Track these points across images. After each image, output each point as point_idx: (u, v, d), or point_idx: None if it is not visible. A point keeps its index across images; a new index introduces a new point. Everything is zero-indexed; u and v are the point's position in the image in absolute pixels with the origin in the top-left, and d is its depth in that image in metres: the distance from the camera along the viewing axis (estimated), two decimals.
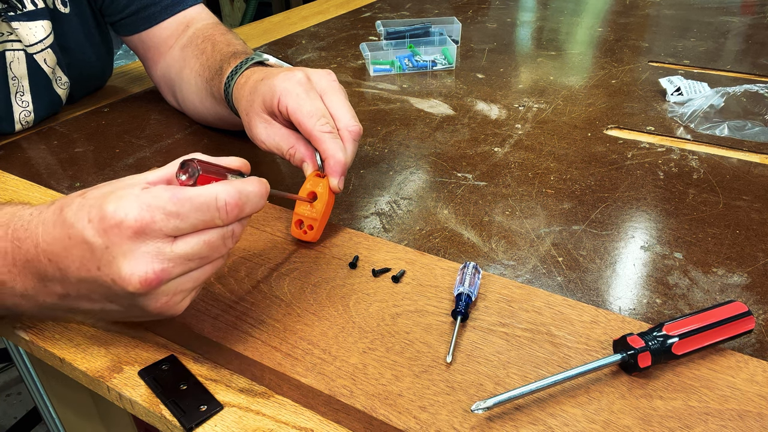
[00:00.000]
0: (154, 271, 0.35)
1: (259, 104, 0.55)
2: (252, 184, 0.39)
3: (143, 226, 0.34)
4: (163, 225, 0.35)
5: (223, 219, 0.37)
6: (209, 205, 0.36)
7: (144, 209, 0.34)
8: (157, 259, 0.35)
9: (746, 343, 0.45)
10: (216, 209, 0.36)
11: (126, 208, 0.34)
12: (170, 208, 0.35)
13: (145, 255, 0.35)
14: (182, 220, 0.35)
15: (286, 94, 0.52)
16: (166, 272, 0.36)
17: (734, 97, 0.86)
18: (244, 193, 0.38)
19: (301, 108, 0.51)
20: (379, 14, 1.36)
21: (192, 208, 0.35)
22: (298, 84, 0.52)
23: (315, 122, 0.50)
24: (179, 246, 0.36)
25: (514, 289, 0.47)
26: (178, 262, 0.36)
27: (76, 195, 0.38)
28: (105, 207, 0.35)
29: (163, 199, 0.35)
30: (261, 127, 0.55)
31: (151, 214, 0.34)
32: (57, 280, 0.38)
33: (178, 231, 0.36)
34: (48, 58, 0.76)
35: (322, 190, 0.51)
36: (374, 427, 0.38)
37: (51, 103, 0.80)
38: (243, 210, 0.38)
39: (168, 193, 0.35)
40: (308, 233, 0.51)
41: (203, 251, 0.37)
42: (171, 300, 0.38)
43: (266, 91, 0.54)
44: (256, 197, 0.39)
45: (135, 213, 0.34)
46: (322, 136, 0.50)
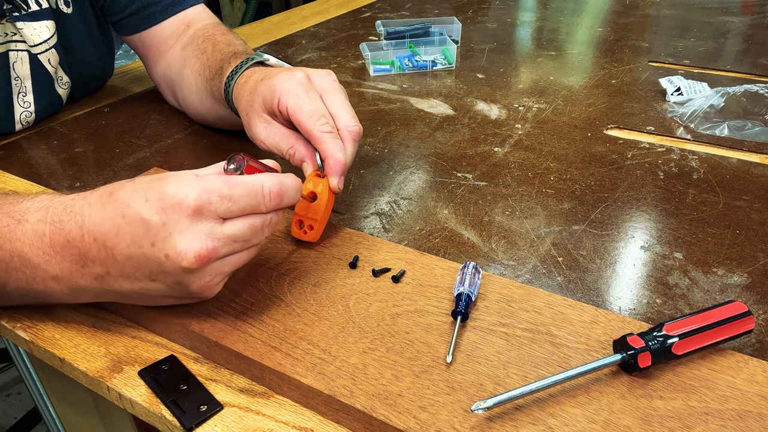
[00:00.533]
0: (207, 248, 0.38)
1: (259, 104, 0.55)
2: (290, 178, 0.43)
3: (201, 206, 0.38)
4: (218, 206, 0.38)
5: (267, 206, 0.40)
6: (257, 191, 0.40)
7: (202, 191, 0.38)
8: (209, 238, 0.38)
9: (746, 343, 0.45)
10: (262, 195, 0.40)
11: (186, 190, 0.38)
12: (225, 191, 0.38)
13: (199, 233, 0.38)
14: (234, 203, 0.39)
15: (286, 94, 0.52)
16: (216, 250, 0.39)
17: (734, 97, 0.86)
18: (284, 185, 0.41)
19: (301, 108, 0.51)
20: (379, 14, 1.36)
21: (243, 193, 0.39)
22: (299, 84, 0.52)
23: (315, 122, 0.51)
24: (228, 227, 0.39)
25: (514, 289, 0.47)
26: (227, 242, 0.39)
27: (125, 182, 0.40)
28: (165, 188, 0.38)
29: (218, 184, 0.39)
30: (261, 126, 0.56)
31: (209, 196, 0.38)
32: (99, 260, 0.40)
33: (229, 213, 0.39)
34: (52, 58, 0.76)
35: (322, 190, 0.51)
36: (374, 427, 0.38)
37: (52, 104, 0.80)
38: (282, 200, 0.41)
39: (222, 179, 0.39)
40: (308, 233, 0.51)
41: (247, 234, 0.40)
42: (212, 281, 0.41)
43: (266, 91, 0.54)
44: (293, 190, 0.43)
45: (195, 193, 0.38)
46: (322, 136, 0.50)
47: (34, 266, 0.41)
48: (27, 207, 0.43)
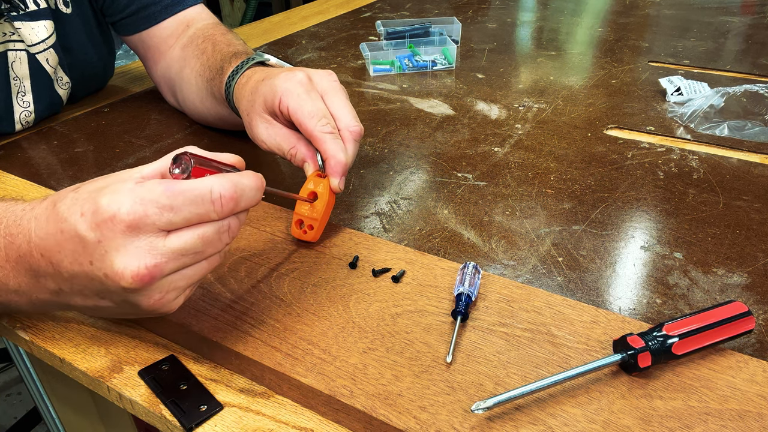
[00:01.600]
0: (146, 266, 0.35)
1: (260, 104, 0.55)
2: (247, 178, 0.38)
3: (136, 219, 0.34)
4: (156, 219, 0.34)
5: (218, 212, 0.36)
6: (203, 197, 0.36)
7: (137, 203, 0.34)
8: (149, 254, 0.35)
9: (746, 343, 0.45)
10: (210, 202, 0.36)
11: (119, 202, 0.34)
12: (163, 201, 0.34)
13: (137, 250, 0.34)
14: (176, 213, 0.35)
15: (287, 95, 0.52)
16: (159, 267, 0.35)
17: (734, 97, 0.86)
18: (239, 186, 0.37)
19: (302, 108, 0.51)
20: (379, 14, 1.36)
21: (185, 201, 0.35)
22: (299, 84, 0.52)
23: (316, 123, 0.50)
24: (172, 240, 0.35)
25: (514, 289, 0.47)
26: (172, 257, 0.35)
27: (69, 190, 0.37)
28: (98, 200, 0.35)
29: (156, 193, 0.35)
30: (262, 127, 0.55)
31: (144, 208, 0.34)
32: (50, 276, 0.38)
33: (172, 225, 0.35)
34: (50, 58, 0.76)
35: (323, 190, 0.51)
36: (374, 427, 0.38)
37: (52, 104, 0.80)
38: (238, 203, 0.37)
39: (161, 187, 0.35)
40: (308, 233, 0.51)
41: (197, 246, 0.36)
42: (164, 297, 0.37)
43: (267, 91, 0.54)
44: (252, 191, 0.38)
45: (128, 206, 0.34)
46: (323, 137, 0.50)
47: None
48: None
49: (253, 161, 0.71)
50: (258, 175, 0.40)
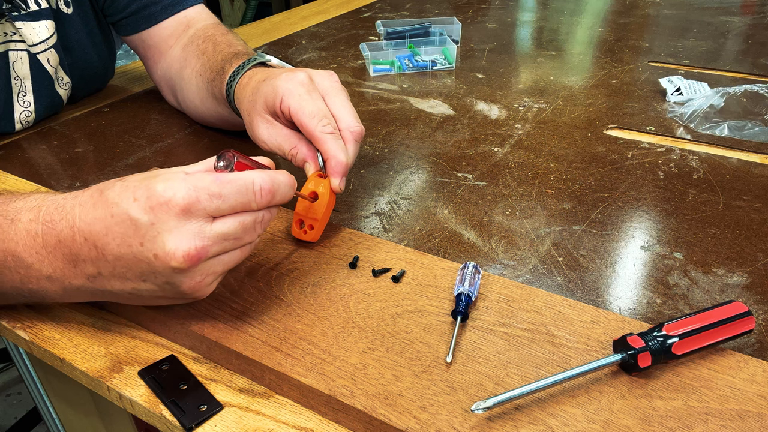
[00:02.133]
0: (196, 248, 0.37)
1: (262, 104, 0.55)
2: (283, 175, 0.42)
3: (189, 204, 0.37)
4: (207, 205, 0.38)
5: (258, 203, 0.40)
6: (247, 188, 0.39)
7: (191, 189, 0.37)
8: (198, 237, 0.38)
9: (746, 343, 0.45)
10: (253, 192, 0.39)
11: (174, 188, 0.37)
12: (214, 189, 0.38)
13: (188, 232, 0.37)
14: (224, 200, 0.38)
15: (289, 95, 0.52)
16: (206, 249, 0.38)
17: (734, 97, 0.86)
18: (276, 181, 0.41)
19: (303, 109, 0.51)
20: (379, 14, 1.36)
21: (233, 190, 0.38)
22: (301, 85, 0.53)
23: (317, 123, 0.51)
24: (218, 225, 0.39)
25: (514, 289, 0.47)
26: (216, 241, 0.39)
27: (115, 180, 0.40)
28: (153, 186, 0.37)
29: (207, 181, 0.38)
30: (263, 127, 0.56)
31: (197, 194, 0.37)
32: (91, 260, 0.39)
33: (219, 211, 0.38)
34: (51, 58, 0.76)
35: (324, 191, 0.52)
36: (374, 427, 0.38)
37: (52, 104, 0.80)
38: (275, 197, 0.41)
39: (211, 177, 0.38)
40: (308, 233, 0.51)
41: (238, 232, 0.40)
42: (203, 281, 0.40)
43: (269, 92, 0.54)
44: (286, 186, 0.42)
45: (183, 192, 0.37)
46: (324, 137, 0.51)
47: (27, 266, 0.41)
48: (20, 207, 0.42)
49: None
50: (290, 174, 0.43)
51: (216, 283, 0.42)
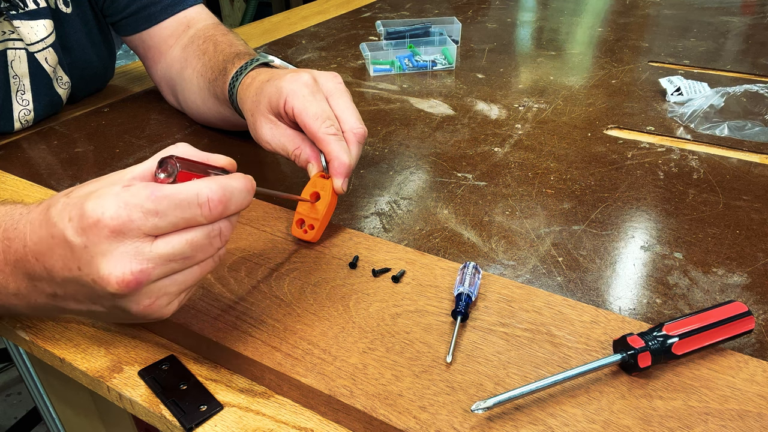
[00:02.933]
0: (132, 272, 0.34)
1: (265, 105, 0.55)
2: (237, 180, 0.37)
3: (120, 224, 0.33)
4: (142, 224, 0.34)
5: (207, 216, 0.35)
6: (190, 201, 0.35)
7: (121, 207, 0.33)
8: (135, 259, 0.34)
9: (746, 343, 0.45)
10: (198, 206, 0.35)
11: (103, 206, 0.33)
12: (148, 205, 0.34)
13: (123, 255, 0.34)
14: (161, 218, 0.34)
15: (293, 95, 0.52)
16: (145, 273, 0.34)
17: (734, 97, 0.86)
18: (228, 189, 0.36)
19: (307, 109, 0.51)
20: (379, 14, 1.36)
21: (171, 206, 0.34)
22: (305, 86, 0.52)
23: (320, 124, 0.51)
24: (159, 245, 0.35)
25: (514, 289, 0.47)
26: (159, 263, 0.35)
27: (62, 194, 0.37)
28: (84, 205, 0.34)
29: (141, 197, 0.34)
30: (266, 127, 0.56)
31: (128, 212, 0.33)
32: (45, 280, 0.37)
33: (158, 230, 0.34)
34: (49, 57, 0.76)
35: (325, 191, 0.52)
36: (374, 427, 0.38)
37: (51, 103, 0.80)
38: (228, 207, 0.36)
39: (147, 190, 0.34)
40: (309, 233, 0.51)
41: (186, 251, 0.35)
42: (155, 303, 0.36)
43: (273, 92, 0.54)
44: (241, 193, 0.37)
45: (112, 211, 0.33)
46: (327, 138, 0.50)
47: None
48: None
49: (255, 161, 0.71)
50: (248, 177, 0.39)
51: (178, 302, 0.38)
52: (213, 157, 0.40)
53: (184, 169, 0.36)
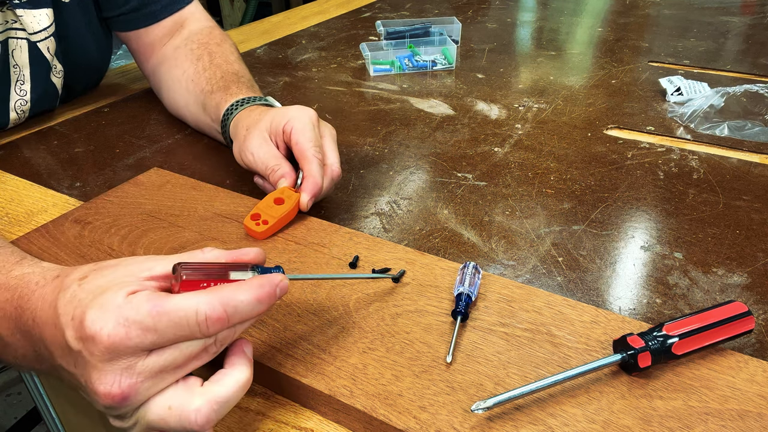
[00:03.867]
0: (120, 387, 0.33)
1: (267, 124, 0.60)
2: (245, 292, 0.34)
3: (117, 342, 0.32)
4: (139, 342, 0.33)
5: (204, 333, 0.34)
6: (188, 319, 0.33)
7: (120, 324, 0.32)
8: (126, 374, 0.33)
9: (746, 343, 0.45)
10: (196, 324, 0.33)
11: (103, 321, 0.32)
12: (148, 322, 0.32)
13: (115, 370, 0.33)
14: (159, 336, 0.33)
15: (297, 120, 0.58)
16: (133, 387, 0.33)
17: (734, 97, 0.86)
18: (230, 305, 0.34)
19: (305, 133, 0.57)
20: (379, 14, 1.36)
21: (170, 324, 0.33)
22: (309, 118, 0.59)
23: (312, 147, 0.57)
24: (152, 360, 0.33)
25: (514, 289, 0.47)
26: (149, 376, 0.34)
27: (76, 277, 0.36)
28: (86, 314, 0.33)
29: (142, 313, 0.32)
30: (256, 141, 0.60)
31: (127, 330, 0.32)
32: (47, 360, 0.37)
33: (155, 345, 0.33)
34: (51, 46, 0.77)
35: (290, 201, 0.55)
36: (374, 427, 0.38)
37: (46, 93, 0.80)
38: (229, 322, 0.34)
39: (148, 306, 0.33)
40: (260, 227, 0.53)
41: (178, 361, 0.34)
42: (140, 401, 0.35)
43: (280, 115, 0.60)
44: (248, 306, 0.34)
45: (110, 328, 0.32)
46: (313, 159, 0.56)
47: (5, 344, 0.39)
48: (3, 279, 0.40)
49: None
50: (264, 282, 0.35)
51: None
52: (237, 254, 0.39)
53: (189, 278, 0.35)
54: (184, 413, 0.34)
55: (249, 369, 0.36)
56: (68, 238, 0.53)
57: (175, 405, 0.34)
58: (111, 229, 0.55)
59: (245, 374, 0.36)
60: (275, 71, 1.02)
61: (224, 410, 0.34)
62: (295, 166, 0.59)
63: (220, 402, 0.34)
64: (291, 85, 0.95)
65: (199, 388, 0.34)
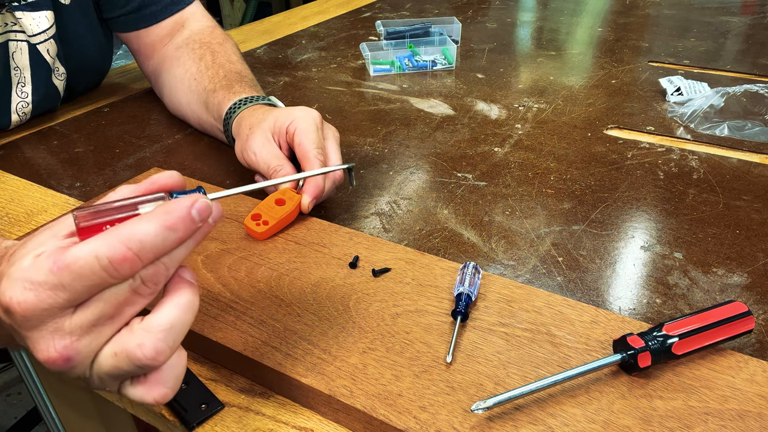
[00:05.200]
0: (56, 350, 0.31)
1: (270, 123, 0.61)
2: (148, 222, 0.30)
3: (30, 308, 0.30)
4: (53, 302, 0.30)
5: (116, 277, 0.30)
6: (91, 267, 0.29)
7: (27, 289, 0.30)
8: (57, 336, 0.31)
9: (746, 343, 0.45)
10: (101, 269, 0.29)
11: (11, 290, 0.30)
12: (52, 280, 0.29)
13: (44, 336, 0.31)
14: (71, 291, 0.30)
15: (301, 121, 0.59)
16: (71, 348, 0.31)
17: (734, 97, 0.86)
18: (134, 240, 0.29)
19: (309, 135, 0.58)
20: (379, 14, 1.36)
21: (74, 276, 0.29)
22: (313, 120, 0.59)
23: (315, 149, 0.57)
24: (79, 316, 0.31)
25: (514, 289, 0.47)
26: (83, 332, 0.31)
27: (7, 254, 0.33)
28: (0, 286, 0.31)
29: (43, 273, 0.29)
30: (259, 141, 0.60)
31: (36, 294, 0.30)
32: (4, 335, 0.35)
33: (73, 302, 0.30)
34: (51, 48, 0.77)
35: (291, 202, 0.55)
36: (374, 427, 0.38)
37: (47, 95, 0.80)
38: (140, 259, 0.30)
39: (48, 263, 0.30)
40: (260, 227, 0.53)
41: (108, 311, 0.31)
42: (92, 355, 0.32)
43: (283, 115, 0.60)
44: (157, 237, 0.30)
45: (18, 295, 0.30)
46: (315, 161, 0.56)
47: None
48: None
49: None
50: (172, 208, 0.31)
51: None
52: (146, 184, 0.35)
53: (85, 224, 0.31)
54: (129, 353, 0.31)
55: (189, 290, 0.33)
56: None
57: (119, 349, 0.31)
58: None
59: (185, 296, 0.32)
60: (275, 71, 1.02)
61: (173, 337, 0.32)
62: (297, 166, 0.59)
63: (163, 329, 0.31)
64: (291, 85, 0.95)
65: (137, 324, 0.32)
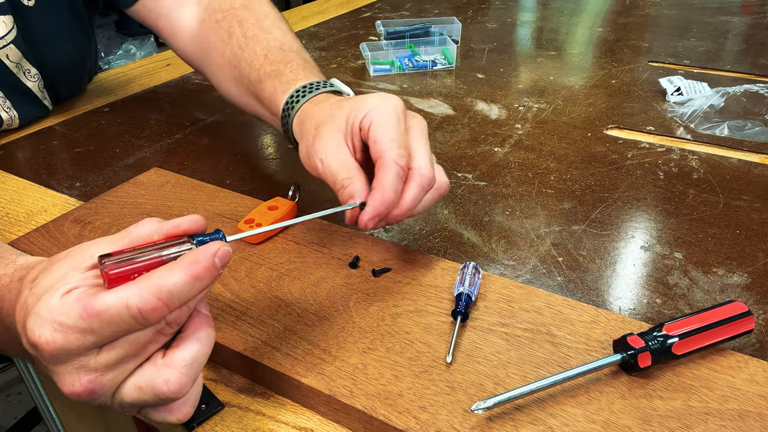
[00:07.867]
0: (81, 384, 0.32)
1: (340, 121, 0.49)
2: (177, 273, 0.32)
3: (58, 349, 0.31)
4: (80, 344, 0.31)
5: (144, 324, 0.32)
6: (122, 316, 0.31)
7: (56, 330, 0.31)
8: (82, 372, 0.32)
9: (746, 343, 0.45)
10: (131, 318, 0.31)
11: (39, 329, 0.31)
12: (81, 325, 0.31)
13: (70, 371, 0.32)
14: (99, 335, 0.31)
15: (376, 112, 0.47)
16: (95, 382, 0.32)
17: (734, 97, 0.86)
18: (164, 291, 0.31)
19: (386, 130, 0.46)
20: (379, 14, 1.36)
21: (104, 324, 0.31)
22: (393, 109, 0.47)
23: (394, 148, 0.45)
24: (104, 355, 0.32)
25: (514, 289, 0.47)
26: (107, 369, 0.32)
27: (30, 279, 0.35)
28: (27, 321, 0.32)
29: (73, 317, 0.31)
30: (330, 146, 0.48)
31: (64, 336, 0.31)
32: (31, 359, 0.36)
33: (99, 344, 0.32)
34: (11, 53, 0.74)
35: (283, 208, 0.55)
36: (374, 427, 0.38)
37: (26, 97, 0.79)
38: (168, 308, 0.32)
39: (78, 308, 0.31)
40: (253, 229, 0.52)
41: (132, 350, 0.33)
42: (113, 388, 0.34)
43: (357, 105, 0.48)
44: (185, 287, 0.32)
45: (47, 335, 0.31)
46: (391, 166, 0.44)
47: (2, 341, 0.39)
48: None
49: (256, 156, 0.71)
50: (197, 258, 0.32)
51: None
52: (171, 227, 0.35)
53: (114, 273, 0.32)
54: (155, 388, 0.33)
55: (207, 324, 0.34)
56: (68, 238, 0.53)
57: (144, 384, 0.33)
58: (111, 229, 0.55)
59: (204, 331, 0.34)
60: None
61: (194, 370, 0.33)
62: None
63: (186, 365, 0.33)
64: None
65: (161, 360, 0.33)
